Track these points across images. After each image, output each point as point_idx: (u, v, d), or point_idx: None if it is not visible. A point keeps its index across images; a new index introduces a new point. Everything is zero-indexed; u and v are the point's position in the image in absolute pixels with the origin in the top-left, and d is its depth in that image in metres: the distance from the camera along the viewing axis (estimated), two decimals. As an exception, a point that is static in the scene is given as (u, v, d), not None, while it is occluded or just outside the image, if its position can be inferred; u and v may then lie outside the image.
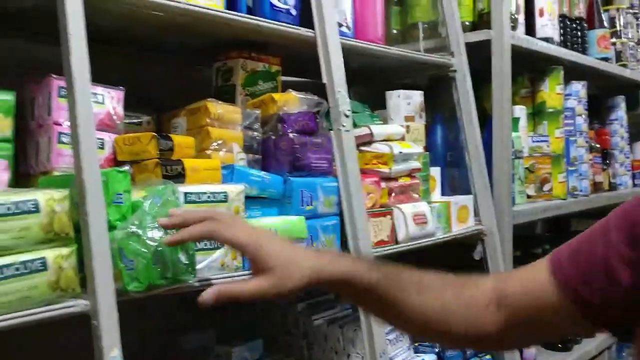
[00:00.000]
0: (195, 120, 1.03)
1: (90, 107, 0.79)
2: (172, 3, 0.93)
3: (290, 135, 1.07)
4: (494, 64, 1.49)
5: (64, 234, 0.74)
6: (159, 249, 0.78)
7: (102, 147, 0.90)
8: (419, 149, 1.34)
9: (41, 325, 0.72)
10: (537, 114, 1.81)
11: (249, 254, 0.75)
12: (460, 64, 1.48)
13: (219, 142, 1.02)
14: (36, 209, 0.71)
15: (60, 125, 0.87)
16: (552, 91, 1.80)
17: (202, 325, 1.20)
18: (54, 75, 0.87)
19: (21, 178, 0.91)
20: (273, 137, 1.08)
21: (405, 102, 1.39)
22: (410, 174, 1.30)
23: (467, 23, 1.57)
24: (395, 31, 1.55)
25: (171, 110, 1.10)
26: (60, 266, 0.73)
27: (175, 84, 1.25)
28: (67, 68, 0.78)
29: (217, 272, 0.90)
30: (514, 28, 1.55)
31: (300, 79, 1.42)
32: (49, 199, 0.72)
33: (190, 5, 0.96)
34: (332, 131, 1.13)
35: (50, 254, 0.72)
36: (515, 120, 1.62)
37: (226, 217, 0.79)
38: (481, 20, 1.55)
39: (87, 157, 0.77)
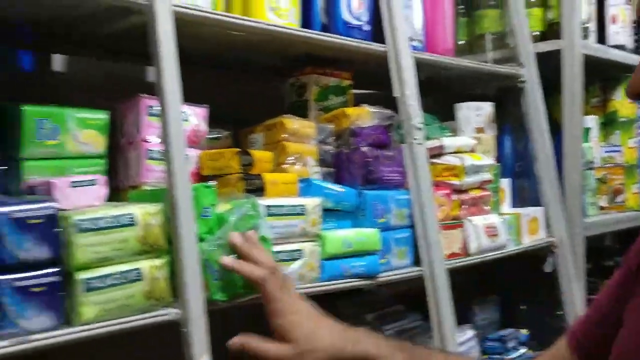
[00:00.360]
0: (272, 136, 1.07)
1: (181, 125, 0.83)
2: (253, 24, 0.97)
3: (363, 149, 1.09)
4: (564, 74, 1.47)
5: (157, 246, 0.78)
6: (243, 260, 0.82)
7: (187, 163, 0.95)
8: (489, 160, 1.33)
9: (132, 332, 0.76)
10: (609, 123, 1.77)
11: (278, 318, 0.78)
12: (529, 74, 1.47)
13: (295, 156, 1.05)
14: (133, 222, 0.76)
15: (148, 142, 0.92)
16: (624, 99, 1.75)
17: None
18: (143, 95, 0.92)
19: (110, 192, 0.96)
20: (346, 151, 1.11)
21: (475, 113, 1.39)
22: (481, 185, 1.30)
23: (536, 33, 1.56)
24: (462, 42, 1.55)
25: (248, 125, 1.14)
26: (154, 276, 0.77)
27: (251, 100, 1.29)
28: (160, 88, 0.83)
29: (295, 282, 0.92)
30: (585, 37, 1.52)
31: (371, 91, 1.44)
32: (144, 213, 0.77)
33: (270, 25, 0.99)
34: (404, 144, 1.15)
35: (145, 265, 0.77)
36: (587, 131, 1.59)
37: (281, 276, 0.82)
38: (551, 30, 1.54)
39: (179, 173, 0.81)
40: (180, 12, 0.87)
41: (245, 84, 1.34)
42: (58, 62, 1.14)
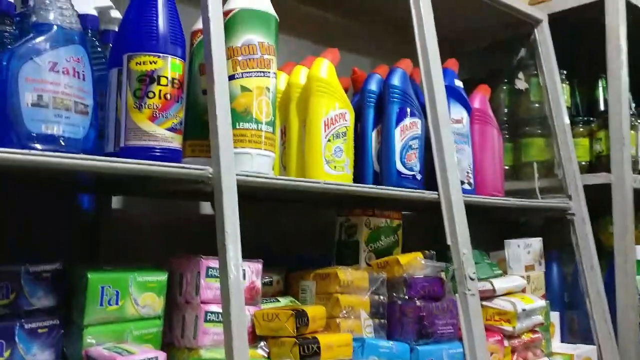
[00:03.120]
0: (324, 286, 1.07)
1: (241, 287, 0.83)
2: (309, 184, 0.99)
3: (417, 302, 1.07)
4: (615, 209, 1.45)
5: None
6: None
7: (242, 323, 0.94)
8: (541, 302, 1.31)
9: None
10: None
11: None
12: (578, 207, 1.46)
13: (348, 309, 1.04)
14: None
15: (207, 304, 0.93)
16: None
17: None
18: (203, 257, 0.94)
19: (164, 347, 0.96)
20: (399, 302, 1.09)
21: (525, 251, 1.37)
22: (532, 329, 1.27)
23: (583, 163, 1.55)
24: (507, 167, 1.56)
25: (299, 263, 1.14)
26: None
27: (301, 232, 1.30)
28: (222, 248, 0.83)
29: None
30: (635, 171, 1.51)
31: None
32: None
33: (325, 184, 1.01)
34: (456, 294, 1.13)
35: None
36: (639, 263, 1.56)
37: None
38: (599, 162, 1.53)
39: (238, 336, 0.80)
40: (243, 180, 0.88)
41: (295, 217, 1.35)
42: (117, 202, 1.18)
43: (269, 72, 0.94)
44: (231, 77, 0.91)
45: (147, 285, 0.90)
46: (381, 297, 1.09)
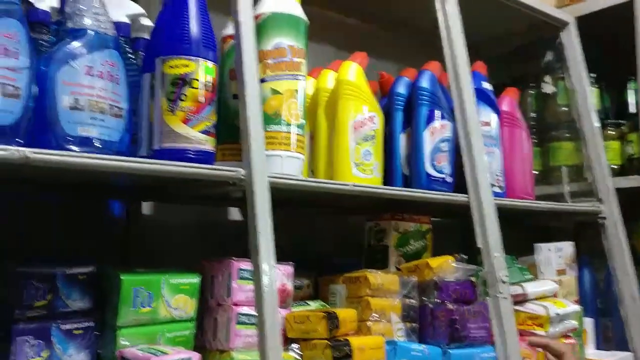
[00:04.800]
0: (355, 290, 1.06)
1: (274, 288, 0.83)
2: (338, 186, 0.99)
3: (449, 305, 1.06)
4: (648, 211, 1.43)
5: None
6: None
7: (274, 325, 0.94)
8: (574, 307, 1.28)
9: None
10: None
11: None
12: (610, 211, 1.44)
13: (379, 312, 1.03)
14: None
15: (239, 306, 0.93)
16: None
17: None
18: (234, 258, 0.94)
19: (196, 349, 0.96)
20: (430, 306, 1.08)
21: (557, 255, 1.36)
22: (565, 334, 1.25)
23: (614, 166, 1.53)
24: (536, 172, 1.54)
25: (328, 272, 1.14)
26: None
27: (330, 237, 1.30)
28: (255, 250, 0.83)
29: None
30: (669, 173, 1.49)
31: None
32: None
33: (355, 186, 1.01)
34: (488, 297, 1.12)
35: None
36: (674, 268, 1.53)
37: None
38: (631, 165, 1.51)
39: (271, 337, 0.80)
40: (274, 182, 0.89)
41: (324, 222, 1.35)
42: (147, 207, 1.19)
43: (299, 75, 0.95)
44: (262, 80, 0.92)
45: (179, 288, 0.91)
46: (412, 301, 1.08)
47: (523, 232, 1.51)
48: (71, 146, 0.74)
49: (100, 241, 1.09)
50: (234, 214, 1.28)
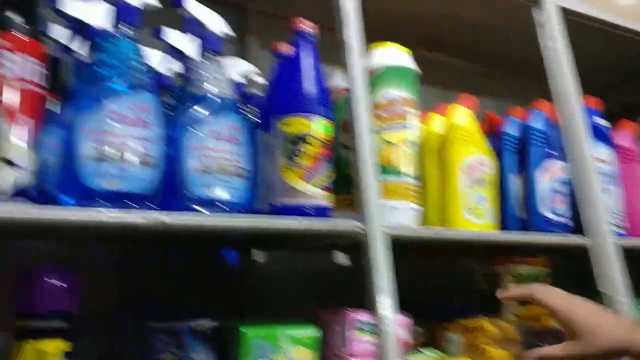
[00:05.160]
0: (472, 338, 1.04)
1: (396, 345, 0.82)
2: (452, 235, 0.98)
3: (574, 355, 1.01)
4: None
5: None
6: None
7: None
8: None
9: None
10: None
11: (560, 319, 0.80)
12: None
13: (499, 363, 1.00)
14: None
15: (355, 357, 0.93)
16: None
17: None
18: (350, 309, 0.94)
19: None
20: (553, 355, 1.04)
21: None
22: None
23: None
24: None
25: (438, 318, 1.12)
26: None
27: (439, 281, 1.28)
28: (373, 302, 0.84)
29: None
30: None
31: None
32: None
33: (468, 234, 0.99)
34: (615, 346, 1.06)
35: None
36: None
37: (545, 286, 0.86)
38: None
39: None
40: (391, 233, 0.89)
41: (433, 266, 1.33)
42: (258, 255, 1.22)
43: (411, 125, 0.95)
44: (375, 132, 0.93)
45: (299, 340, 0.92)
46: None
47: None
48: (199, 207, 0.78)
49: (215, 290, 1.12)
50: (341, 258, 1.29)
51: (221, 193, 0.79)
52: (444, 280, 1.33)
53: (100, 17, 0.84)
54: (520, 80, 1.48)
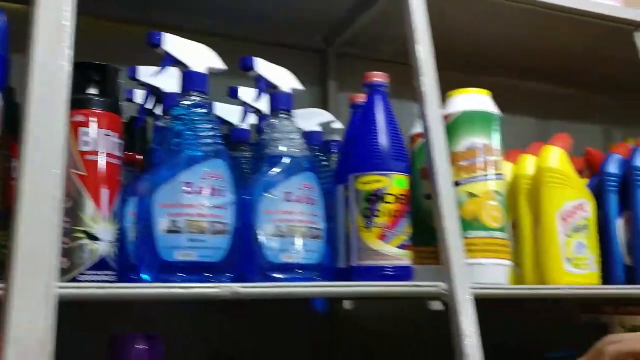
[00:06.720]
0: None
1: None
2: (548, 291, 0.90)
3: None
4: None
5: None
6: None
7: None
8: None
9: None
10: None
11: None
12: None
13: None
14: None
15: None
16: None
17: None
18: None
19: None
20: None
21: None
22: None
23: None
24: None
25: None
26: None
27: (543, 331, 1.20)
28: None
29: None
30: None
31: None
32: None
33: (566, 289, 0.91)
34: None
35: None
36: None
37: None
38: None
39: None
40: (478, 293, 0.83)
41: (535, 314, 1.25)
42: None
43: (496, 175, 0.89)
44: (456, 184, 0.88)
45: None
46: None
47: None
48: (275, 274, 0.77)
49: (306, 342, 1.11)
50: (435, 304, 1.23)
51: (296, 257, 0.78)
52: (551, 329, 1.23)
53: (172, 84, 0.86)
54: (626, 105, 1.37)
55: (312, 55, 1.28)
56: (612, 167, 1.05)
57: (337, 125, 1.07)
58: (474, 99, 0.91)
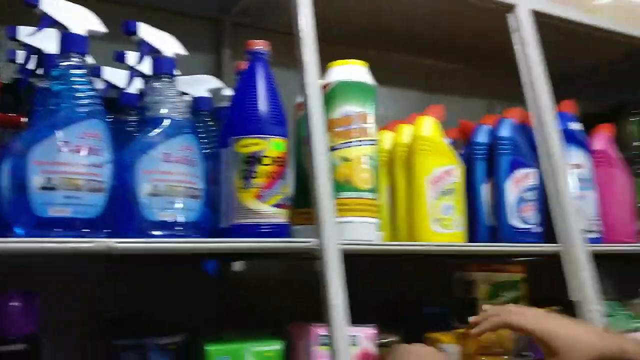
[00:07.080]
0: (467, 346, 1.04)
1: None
2: (417, 247, 0.98)
3: None
4: None
5: None
6: None
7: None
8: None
9: None
10: None
11: (537, 339, 0.82)
12: None
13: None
14: None
15: (321, 372, 0.94)
16: None
17: None
18: (314, 324, 0.95)
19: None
20: (523, 364, 1.04)
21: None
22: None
23: None
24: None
25: (419, 323, 1.12)
26: None
27: (419, 285, 1.29)
28: (328, 319, 0.85)
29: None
30: None
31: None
32: None
33: (433, 245, 1.00)
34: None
35: None
36: None
37: (516, 308, 0.89)
38: None
39: None
40: (347, 249, 0.89)
41: (413, 269, 1.34)
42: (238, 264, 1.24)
43: (368, 140, 0.96)
44: (332, 149, 0.94)
45: (263, 355, 0.93)
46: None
47: (631, 270, 1.41)
48: (154, 231, 0.80)
49: (197, 303, 1.14)
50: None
51: (174, 215, 0.81)
52: (425, 285, 1.33)
53: (53, 45, 0.86)
54: (506, 81, 1.48)
55: (208, 23, 1.30)
56: (481, 137, 1.15)
57: (228, 92, 1.10)
58: (351, 70, 0.97)
